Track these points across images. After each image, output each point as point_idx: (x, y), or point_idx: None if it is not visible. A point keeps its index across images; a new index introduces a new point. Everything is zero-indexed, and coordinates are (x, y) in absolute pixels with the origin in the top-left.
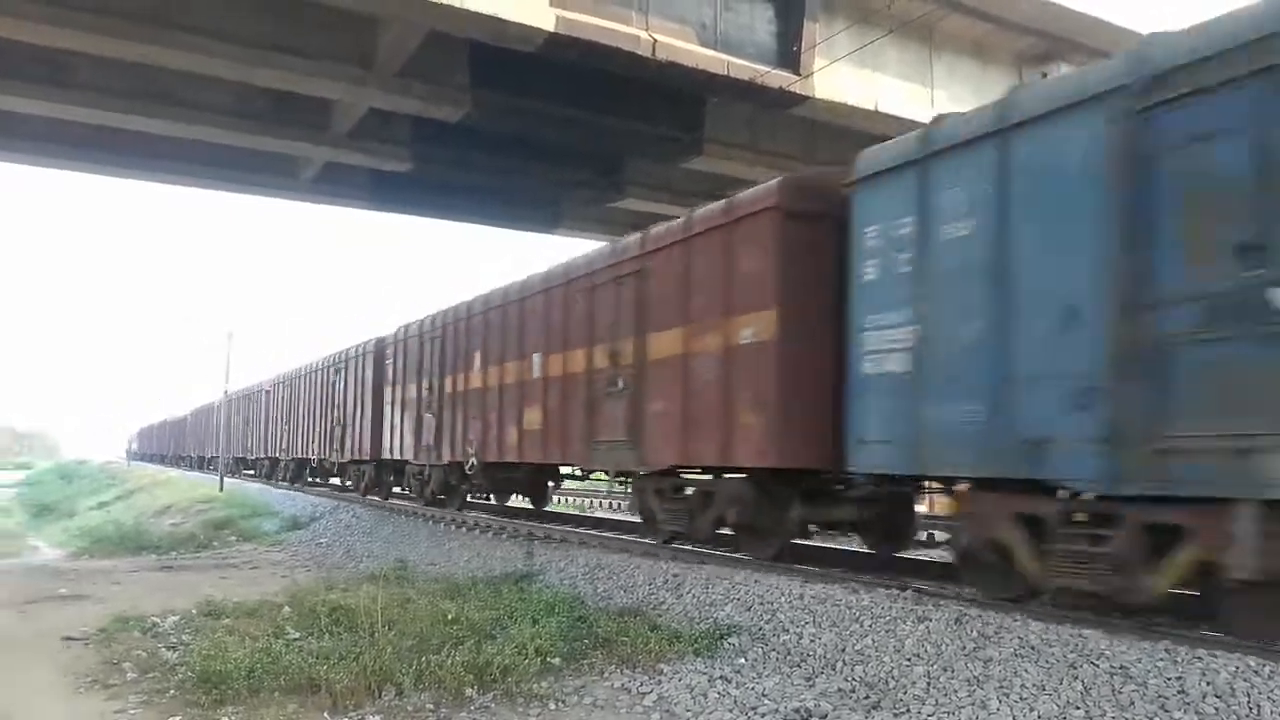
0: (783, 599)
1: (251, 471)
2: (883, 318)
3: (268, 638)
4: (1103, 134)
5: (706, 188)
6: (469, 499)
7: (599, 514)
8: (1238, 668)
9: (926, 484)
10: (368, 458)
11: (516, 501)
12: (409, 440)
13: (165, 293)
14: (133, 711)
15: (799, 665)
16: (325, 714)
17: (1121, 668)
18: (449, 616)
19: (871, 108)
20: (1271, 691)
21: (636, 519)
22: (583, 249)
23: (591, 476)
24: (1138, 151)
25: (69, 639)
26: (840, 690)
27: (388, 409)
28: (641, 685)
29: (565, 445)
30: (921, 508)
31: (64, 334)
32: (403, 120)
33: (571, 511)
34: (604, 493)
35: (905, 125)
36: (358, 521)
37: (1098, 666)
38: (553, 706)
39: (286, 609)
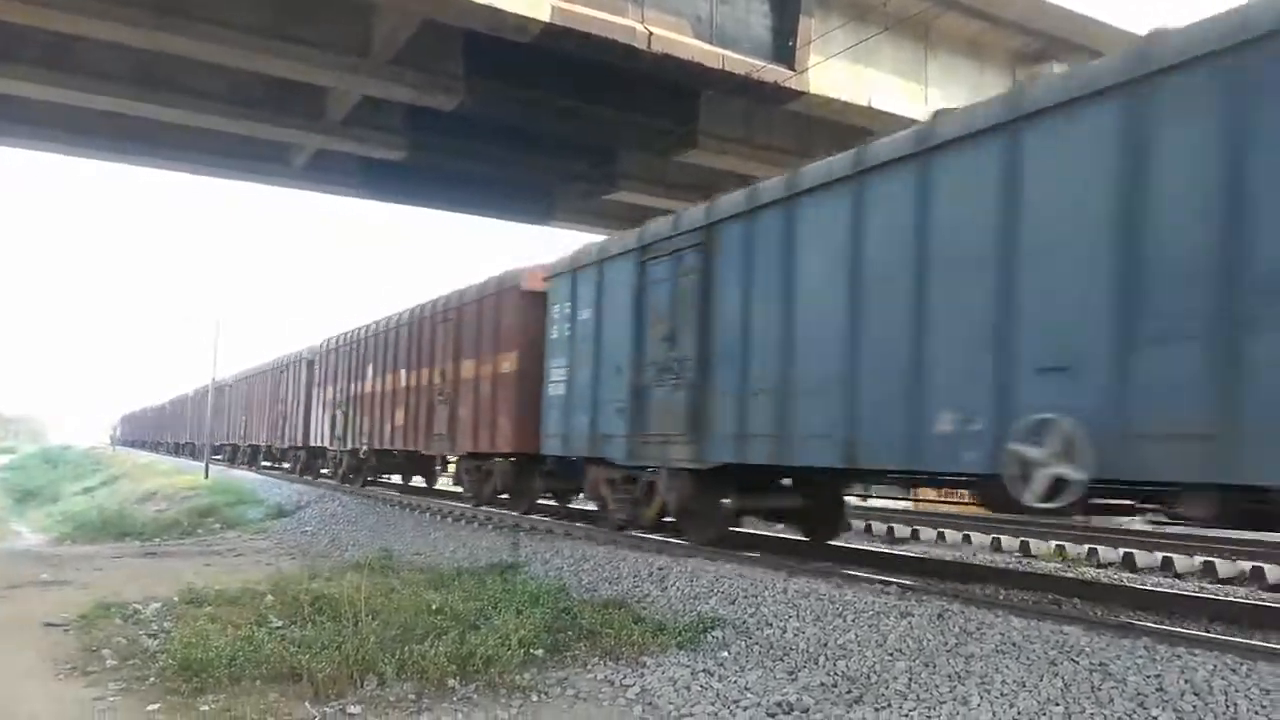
0: (767, 593)
1: (219, 456)
2: (557, 362)
3: (250, 626)
4: (632, 273)
5: (700, 181)
6: (373, 478)
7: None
8: (1215, 665)
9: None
10: (300, 445)
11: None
12: (327, 431)
13: (156, 280)
14: (112, 699)
15: (782, 659)
16: (306, 703)
17: (1101, 664)
18: (433, 606)
19: (865, 104)
20: (1249, 689)
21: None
22: (580, 241)
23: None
24: (641, 284)
25: (50, 625)
26: (822, 684)
27: (314, 406)
28: (624, 678)
29: (416, 437)
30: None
31: (53, 319)
32: (396, 108)
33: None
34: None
35: (900, 122)
36: (343, 510)
37: (1078, 663)
38: (535, 698)
39: (269, 597)
